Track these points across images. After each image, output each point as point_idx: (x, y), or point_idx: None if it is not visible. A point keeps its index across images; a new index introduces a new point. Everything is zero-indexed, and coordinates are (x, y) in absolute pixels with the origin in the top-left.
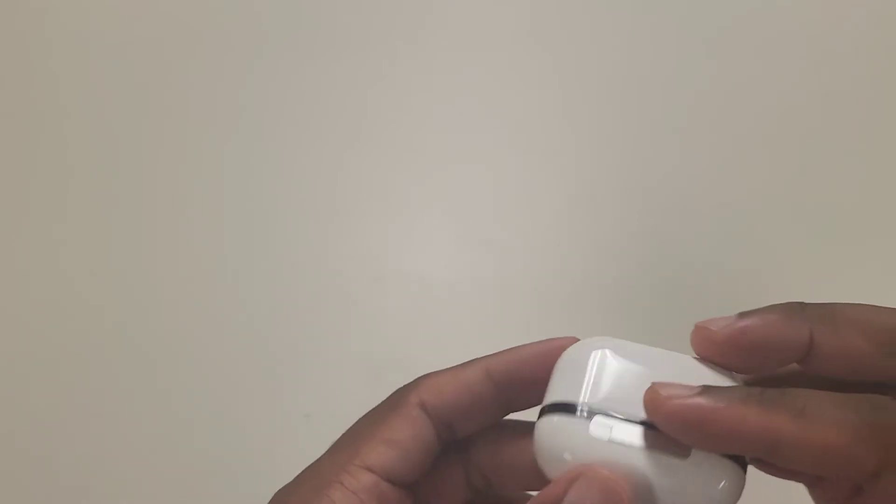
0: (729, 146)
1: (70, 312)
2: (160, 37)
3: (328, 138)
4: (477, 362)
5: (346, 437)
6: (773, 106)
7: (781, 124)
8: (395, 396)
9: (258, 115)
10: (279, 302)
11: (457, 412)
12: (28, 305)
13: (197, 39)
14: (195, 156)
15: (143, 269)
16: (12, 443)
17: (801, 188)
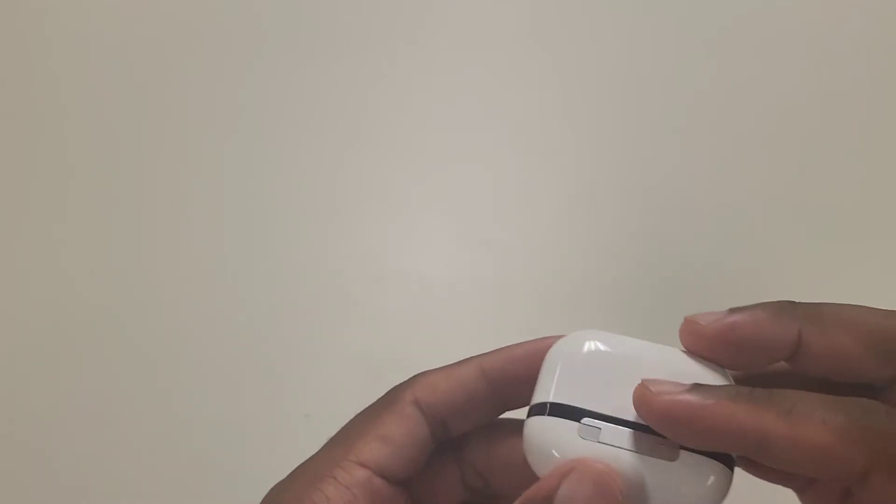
0: (729, 146)
1: (70, 312)
2: (160, 37)
3: (328, 138)
4: (471, 360)
5: (341, 434)
6: (773, 106)
7: (781, 124)
8: (389, 394)
9: (258, 115)
10: (279, 302)
11: (451, 410)
12: (28, 305)
13: (197, 39)
14: (195, 156)
15: (143, 269)
16: (12, 443)
17: (801, 188)
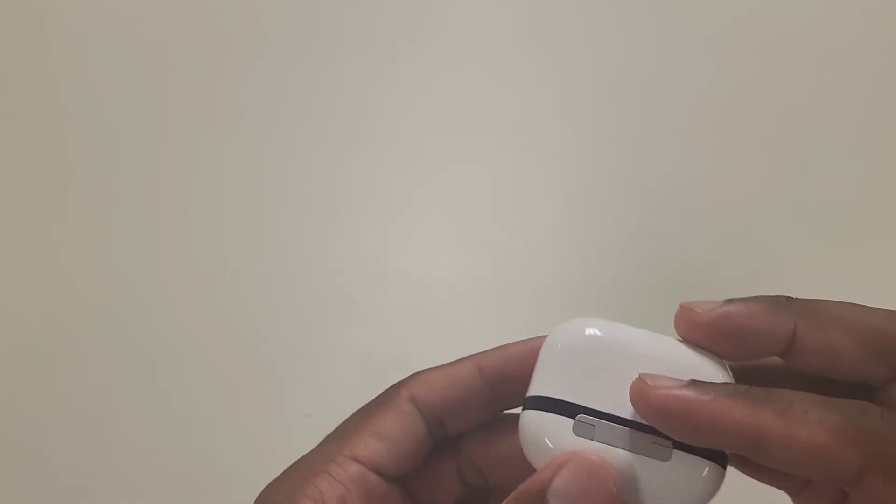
0: (729, 146)
1: (70, 312)
2: (160, 37)
3: (328, 138)
4: (469, 359)
5: (337, 431)
6: (773, 106)
7: (781, 124)
8: (386, 392)
9: (258, 115)
10: (279, 302)
11: (448, 408)
12: (28, 305)
13: (197, 39)
14: (195, 156)
15: (143, 269)
16: (12, 442)
17: (801, 188)
